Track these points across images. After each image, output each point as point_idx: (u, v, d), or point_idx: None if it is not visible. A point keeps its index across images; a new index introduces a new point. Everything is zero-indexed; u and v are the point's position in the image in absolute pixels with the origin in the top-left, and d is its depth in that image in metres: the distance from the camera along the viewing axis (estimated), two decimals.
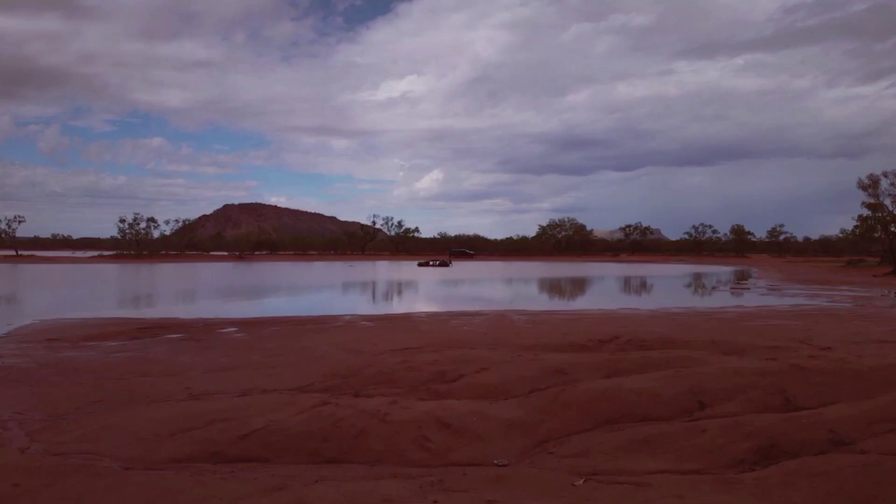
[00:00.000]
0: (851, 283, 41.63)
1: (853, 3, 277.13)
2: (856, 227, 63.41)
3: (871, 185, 57.87)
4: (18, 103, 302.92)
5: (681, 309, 23.35)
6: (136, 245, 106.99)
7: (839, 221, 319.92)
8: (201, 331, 15.90)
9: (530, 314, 20.88)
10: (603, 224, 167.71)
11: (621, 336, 10.54)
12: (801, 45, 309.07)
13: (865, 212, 59.89)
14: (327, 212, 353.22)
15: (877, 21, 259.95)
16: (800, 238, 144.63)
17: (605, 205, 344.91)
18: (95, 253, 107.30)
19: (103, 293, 32.36)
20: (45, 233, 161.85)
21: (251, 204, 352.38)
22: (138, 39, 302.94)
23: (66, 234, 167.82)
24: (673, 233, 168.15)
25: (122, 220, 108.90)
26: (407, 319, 18.73)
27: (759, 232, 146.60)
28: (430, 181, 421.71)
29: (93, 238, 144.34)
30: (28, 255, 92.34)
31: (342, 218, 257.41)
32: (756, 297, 31.06)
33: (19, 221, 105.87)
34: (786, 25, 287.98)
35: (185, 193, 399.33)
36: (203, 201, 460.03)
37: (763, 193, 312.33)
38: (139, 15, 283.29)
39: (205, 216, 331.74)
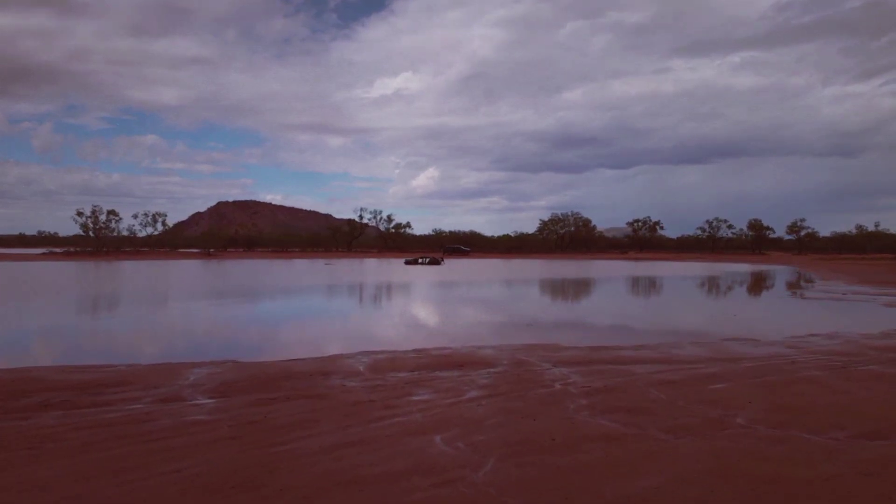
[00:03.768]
0: None
1: (848, 1, 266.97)
2: None
3: None
4: (12, 101, 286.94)
5: (835, 342, 13.22)
6: (95, 241, 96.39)
7: (840, 219, 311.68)
8: None
9: (578, 357, 10.84)
10: (600, 222, 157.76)
11: None
12: (797, 43, 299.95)
13: None
14: (324, 210, 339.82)
15: (872, 18, 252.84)
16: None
17: (601, 203, 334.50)
18: (46, 250, 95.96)
19: None
20: (38, 231, 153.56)
21: (246, 201, 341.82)
22: (131, 36, 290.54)
23: (52, 232, 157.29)
24: (669, 230, 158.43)
25: (80, 214, 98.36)
26: (323, 387, 8.51)
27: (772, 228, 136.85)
28: (426, 179, 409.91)
29: (82, 236, 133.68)
30: None
31: (338, 216, 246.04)
32: (882, 310, 21.01)
33: None
34: (780, 23, 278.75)
35: (180, 191, 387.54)
36: (198, 199, 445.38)
37: (760, 192, 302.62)
38: (131, 11, 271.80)
39: (199, 213, 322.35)
